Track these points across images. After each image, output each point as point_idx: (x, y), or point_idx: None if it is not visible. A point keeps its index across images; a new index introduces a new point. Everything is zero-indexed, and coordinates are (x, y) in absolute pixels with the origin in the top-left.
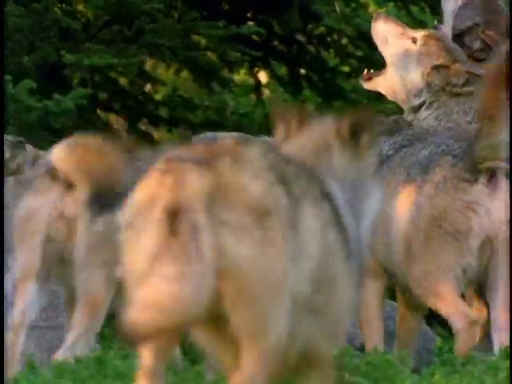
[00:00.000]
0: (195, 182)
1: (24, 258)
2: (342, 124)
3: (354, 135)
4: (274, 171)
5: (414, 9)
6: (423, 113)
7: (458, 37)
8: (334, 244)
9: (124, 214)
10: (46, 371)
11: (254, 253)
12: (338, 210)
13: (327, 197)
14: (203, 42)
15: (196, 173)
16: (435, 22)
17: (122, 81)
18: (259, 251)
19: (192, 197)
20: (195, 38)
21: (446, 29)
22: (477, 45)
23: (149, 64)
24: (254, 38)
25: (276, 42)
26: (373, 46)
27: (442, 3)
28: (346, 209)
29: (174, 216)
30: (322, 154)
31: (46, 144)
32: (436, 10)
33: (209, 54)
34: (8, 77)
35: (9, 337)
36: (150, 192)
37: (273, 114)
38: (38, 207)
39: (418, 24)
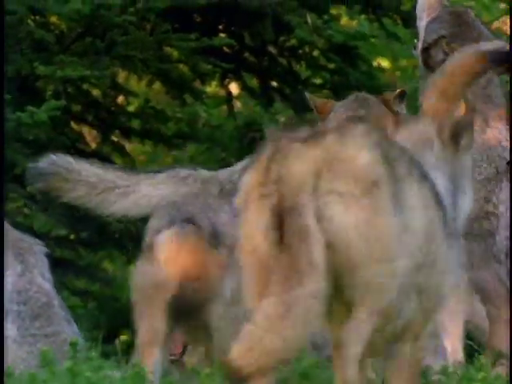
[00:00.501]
0: (302, 165)
1: (149, 325)
2: (444, 124)
3: (455, 136)
4: (379, 148)
5: (387, 21)
6: None
7: (426, 50)
8: (436, 223)
9: (238, 197)
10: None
11: (364, 220)
12: (438, 194)
13: (427, 179)
14: (175, 54)
15: (302, 152)
16: (415, 41)
17: (95, 92)
18: (368, 218)
19: (299, 187)
20: (167, 50)
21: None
22: (440, 56)
23: (121, 76)
24: (226, 49)
25: (247, 54)
26: (344, 58)
27: (417, 21)
28: (444, 196)
29: (282, 215)
30: (422, 152)
31: (19, 156)
32: (408, 23)
33: (181, 65)
34: None
35: None
36: (257, 180)
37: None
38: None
39: (390, 37)
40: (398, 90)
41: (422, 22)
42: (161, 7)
